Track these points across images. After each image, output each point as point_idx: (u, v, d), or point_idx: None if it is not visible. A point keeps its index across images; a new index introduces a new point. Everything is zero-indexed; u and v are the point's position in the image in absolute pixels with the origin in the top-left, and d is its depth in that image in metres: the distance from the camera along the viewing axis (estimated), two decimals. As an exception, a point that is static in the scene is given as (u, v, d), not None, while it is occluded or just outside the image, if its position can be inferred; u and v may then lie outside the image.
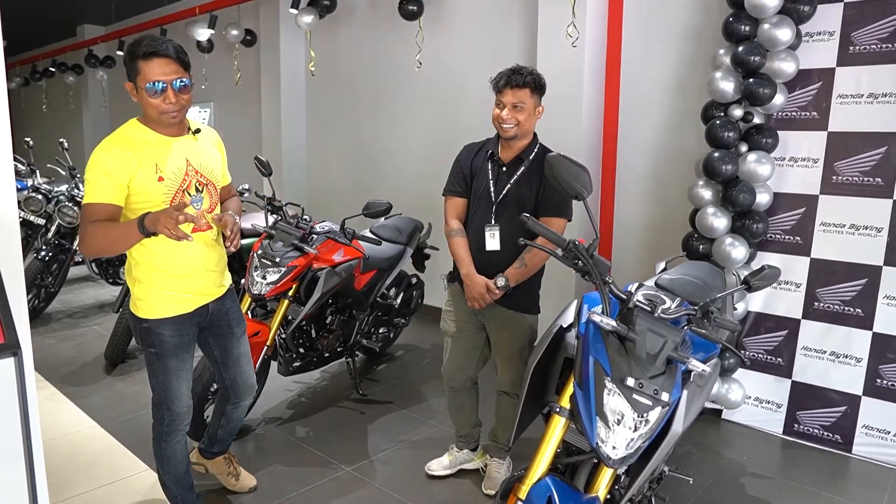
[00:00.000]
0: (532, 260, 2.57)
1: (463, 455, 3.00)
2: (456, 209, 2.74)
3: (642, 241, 4.30)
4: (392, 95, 5.79)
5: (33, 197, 5.35)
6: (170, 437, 2.35)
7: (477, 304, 2.61)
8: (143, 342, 2.24)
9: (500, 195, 2.63)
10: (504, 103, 2.55)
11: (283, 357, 3.50)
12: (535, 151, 2.65)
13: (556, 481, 1.79)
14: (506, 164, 2.65)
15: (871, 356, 3.23)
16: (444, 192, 2.79)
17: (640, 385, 1.69)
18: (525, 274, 2.58)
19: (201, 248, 2.24)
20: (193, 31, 6.92)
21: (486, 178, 2.66)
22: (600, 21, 4.20)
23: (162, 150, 2.12)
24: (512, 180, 2.62)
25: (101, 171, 2.01)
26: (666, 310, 1.83)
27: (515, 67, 2.58)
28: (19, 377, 1.58)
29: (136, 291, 2.21)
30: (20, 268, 1.83)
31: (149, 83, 2.01)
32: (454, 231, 2.70)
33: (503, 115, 2.55)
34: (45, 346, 4.60)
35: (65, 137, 6.02)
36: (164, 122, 2.12)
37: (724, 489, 2.96)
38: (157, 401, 2.32)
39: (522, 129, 2.58)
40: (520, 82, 2.53)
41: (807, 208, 3.39)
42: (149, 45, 2.00)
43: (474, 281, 2.58)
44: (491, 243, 2.61)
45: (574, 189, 1.84)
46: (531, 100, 2.56)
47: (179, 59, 2.06)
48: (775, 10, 3.20)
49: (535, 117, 2.63)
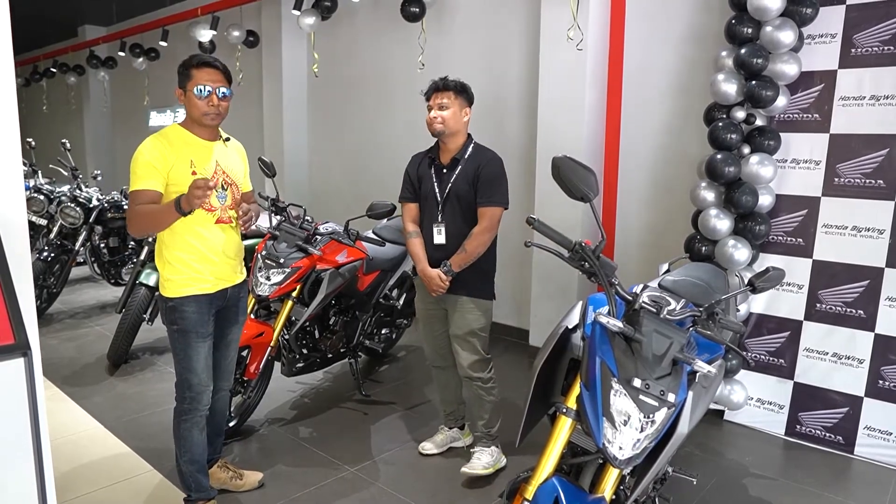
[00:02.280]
0: (471, 245, 2.82)
1: (452, 433, 3.25)
2: (410, 213, 3.03)
3: (644, 242, 4.31)
4: (394, 97, 5.80)
5: (35, 198, 5.36)
6: (190, 414, 2.52)
7: (437, 292, 2.89)
8: (168, 320, 2.48)
9: (443, 195, 2.91)
10: (431, 106, 2.86)
11: (286, 358, 3.51)
12: (469, 150, 2.92)
13: (562, 482, 1.79)
14: (445, 166, 2.93)
15: (873, 358, 3.24)
16: (399, 199, 3.08)
17: (647, 386, 1.70)
18: (466, 259, 2.83)
19: (222, 237, 2.51)
20: (195, 31, 6.93)
21: (430, 182, 2.95)
22: (602, 23, 4.21)
23: (197, 150, 2.44)
24: (451, 180, 2.90)
25: (145, 162, 2.32)
26: (671, 311, 1.84)
27: (441, 77, 2.90)
28: (29, 377, 1.59)
29: (164, 272, 2.47)
30: (29, 269, 1.83)
31: (198, 86, 2.38)
32: (410, 233, 3.00)
33: (431, 116, 2.85)
34: (47, 347, 4.60)
35: (65, 138, 6.02)
36: (204, 123, 2.44)
37: (726, 490, 2.96)
38: (178, 380, 2.52)
39: (449, 126, 2.84)
40: (442, 86, 2.86)
41: (809, 210, 3.40)
42: (202, 57, 2.42)
43: (428, 274, 2.89)
44: (438, 238, 2.91)
45: (580, 191, 1.84)
46: (455, 101, 2.85)
47: (225, 73, 2.46)
48: (778, 12, 3.21)
49: (462, 117, 2.89)
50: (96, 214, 5.16)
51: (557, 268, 4.31)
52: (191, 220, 2.38)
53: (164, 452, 3.09)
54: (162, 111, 9.16)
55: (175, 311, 2.44)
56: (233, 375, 2.83)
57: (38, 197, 5.39)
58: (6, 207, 1.78)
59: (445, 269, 2.84)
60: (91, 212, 5.15)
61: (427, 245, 2.96)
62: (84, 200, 5.23)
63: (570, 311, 2.11)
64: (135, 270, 4.56)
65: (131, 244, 5.40)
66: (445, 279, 2.85)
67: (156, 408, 3.66)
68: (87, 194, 5.34)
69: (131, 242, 5.40)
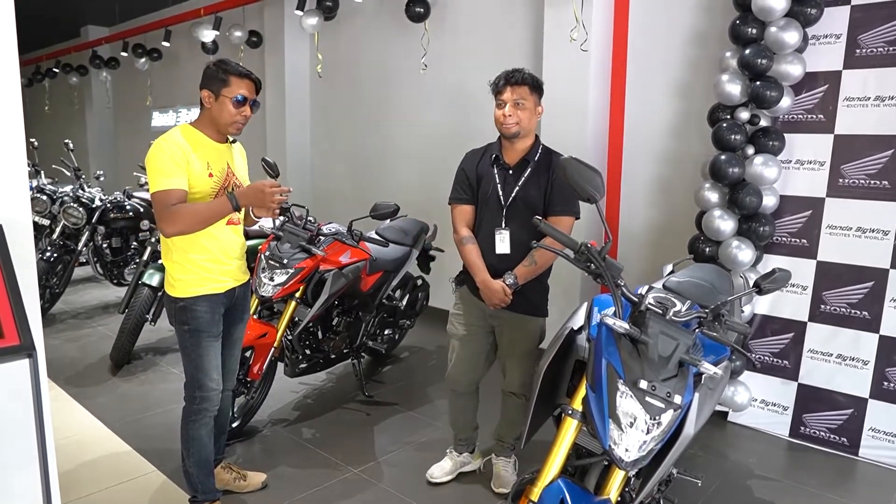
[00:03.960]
0: (542, 258, 2.58)
1: (462, 458, 3.00)
2: (464, 217, 2.74)
3: (648, 243, 4.30)
4: (396, 97, 5.79)
5: (38, 198, 5.36)
6: (199, 416, 2.50)
7: (499, 306, 2.61)
8: (178, 320, 2.45)
9: (509, 198, 2.63)
10: (505, 101, 2.57)
11: (289, 358, 3.50)
12: (539, 152, 2.67)
13: (568, 483, 1.79)
14: (511, 167, 2.65)
15: (878, 359, 3.23)
16: (451, 200, 2.78)
17: (653, 387, 1.70)
18: (535, 271, 2.59)
19: (233, 239, 2.53)
20: (198, 32, 6.93)
21: (493, 183, 2.66)
22: (606, 24, 4.21)
23: (212, 151, 2.43)
24: (520, 183, 2.63)
25: (168, 160, 2.27)
26: (677, 312, 1.83)
27: (514, 68, 2.62)
28: (34, 378, 1.59)
29: (174, 273, 2.43)
30: (34, 270, 1.84)
31: (238, 95, 2.37)
32: (465, 238, 2.70)
33: (505, 113, 2.56)
34: (50, 347, 4.59)
35: (68, 138, 6.03)
36: (227, 131, 2.45)
37: (730, 491, 2.96)
38: (188, 381, 2.50)
39: (524, 126, 2.59)
40: (519, 79, 2.57)
41: (813, 211, 3.39)
42: (242, 68, 2.41)
43: (492, 287, 2.58)
44: (501, 247, 2.63)
45: (587, 192, 1.84)
46: (531, 97, 2.59)
47: (258, 88, 2.47)
48: (782, 12, 3.21)
49: (536, 117, 2.65)
50: (99, 215, 5.16)
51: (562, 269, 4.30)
52: None
53: (168, 453, 3.09)
54: (164, 111, 9.16)
55: (186, 310, 2.42)
56: (236, 375, 2.82)
57: (40, 197, 5.39)
58: (11, 208, 1.78)
59: (511, 282, 2.56)
60: (94, 212, 5.15)
61: (486, 254, 2.65)
62: (87, 201, 5.23)
63: (576, 313, 2.10)
64: (137, 271, 4.57)
65: (134, 244, 5.40)
66: (510, 293, 2.57)
67: (159, 408, 3.66)
68: (90, 194, 5.35)
69: (134, 243, 5.40)
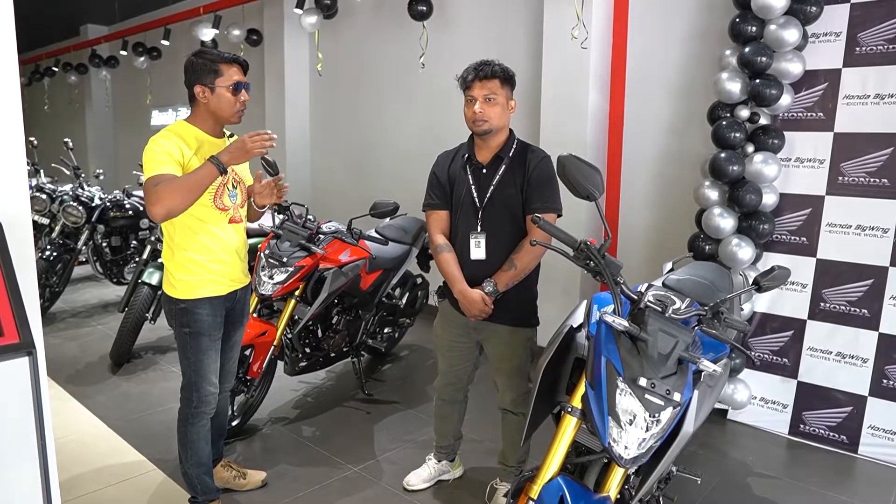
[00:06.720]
0: (523, 260, 2.39)
1: (441, 466, 2.91)
2: (439, 223, 2.56)
3: (647, 241, 4.30)
4: (395, 96, 5.79)
5: (37, 197, 5.36)
6: (196, 418, 2.47)
7: (479, 317, 2.45)
8: (179, 322, 2.40)
9: (484, 200, 2.45)
10: (474, 97, 2.40)
11: (289, 357, 3.51)
12: (514, 148, 2.49)
13: (567, 481, 1.79)
14: (485, 165, 2.48)
15: (878, 357, 3.23)
16: (424, 206, 2.61)
17: (653, 385, 1.69)
18: (516, 276, 2.40)
19: (235, 237, 2.48)
20: (198, 30, 6.92)
21: (466, 185, 2.48)
22: (605, 22, 4.21)
23: (211, 147, 2.35)
24: (494, 182, 2.45)
25: (163, 152, 2.21)
26: (677, 310, 1.83)
27: (482, 60, 2.43)
28: (34, 376, 1.59)
29: (176, 274, 2.37)
30: (34, 269, 1.84)
31: (234, 83, 2.32)
32: (440, 247, 2.52)
33: (476, 110, 2.39)
34: (50, 346, 4.59)
35: (68, 137, 6.02)
36: (230, 121, 2.39)
37: (730, 489, 2.96)
38: (185, 383, 2.47)
39: (495, 124, 2.42)
40: (488, 73, 2.39)
41: (813, 209, 3.40)
42: (226, 54, 2.34)
43: (470, 297, 2.40)
44: (476, 252, 2.44)
45: (586, 190, 1.84)
46: (502, 91, 2.42)
47: (246, 69, 2.42)
48: (782, 10, 3.21)
49: (509, 112, 2.47)
50: (98, 213, 5.16)
51: (561, 267, 4.30)
52: (205, 219, 2.34)
53: (168, 452, 3.09)
54: (164, 110, 9.16)
55: (188, 313, 2.37)
56: (234, 376, 2.82)
57: (40, 196, 5.39)
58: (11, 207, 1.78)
59: (490, 290, 2.37)
60: (93, 211, 5.15)
61: (462, 261, 2.47)
62: (86, 199, 5.23)
63: (575, 311, 2.10)
64: (137, 269, 4.57)
65: (133, 243, 5.40)
66: (490, 301, 2.40)
67: (158, 407, 3.66)
68: (90, 193, 5.34)
69: (133, 241, 5.41)
